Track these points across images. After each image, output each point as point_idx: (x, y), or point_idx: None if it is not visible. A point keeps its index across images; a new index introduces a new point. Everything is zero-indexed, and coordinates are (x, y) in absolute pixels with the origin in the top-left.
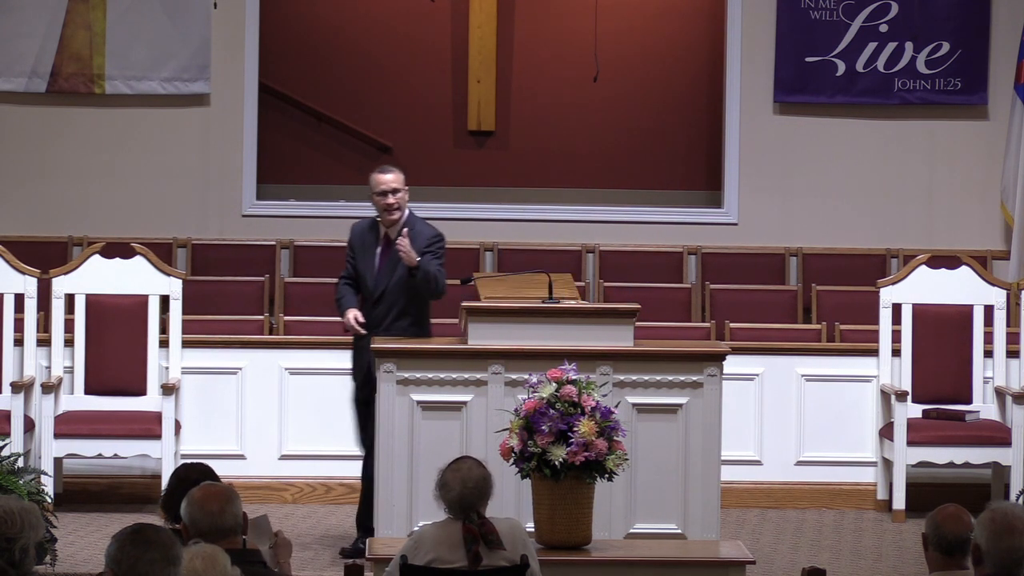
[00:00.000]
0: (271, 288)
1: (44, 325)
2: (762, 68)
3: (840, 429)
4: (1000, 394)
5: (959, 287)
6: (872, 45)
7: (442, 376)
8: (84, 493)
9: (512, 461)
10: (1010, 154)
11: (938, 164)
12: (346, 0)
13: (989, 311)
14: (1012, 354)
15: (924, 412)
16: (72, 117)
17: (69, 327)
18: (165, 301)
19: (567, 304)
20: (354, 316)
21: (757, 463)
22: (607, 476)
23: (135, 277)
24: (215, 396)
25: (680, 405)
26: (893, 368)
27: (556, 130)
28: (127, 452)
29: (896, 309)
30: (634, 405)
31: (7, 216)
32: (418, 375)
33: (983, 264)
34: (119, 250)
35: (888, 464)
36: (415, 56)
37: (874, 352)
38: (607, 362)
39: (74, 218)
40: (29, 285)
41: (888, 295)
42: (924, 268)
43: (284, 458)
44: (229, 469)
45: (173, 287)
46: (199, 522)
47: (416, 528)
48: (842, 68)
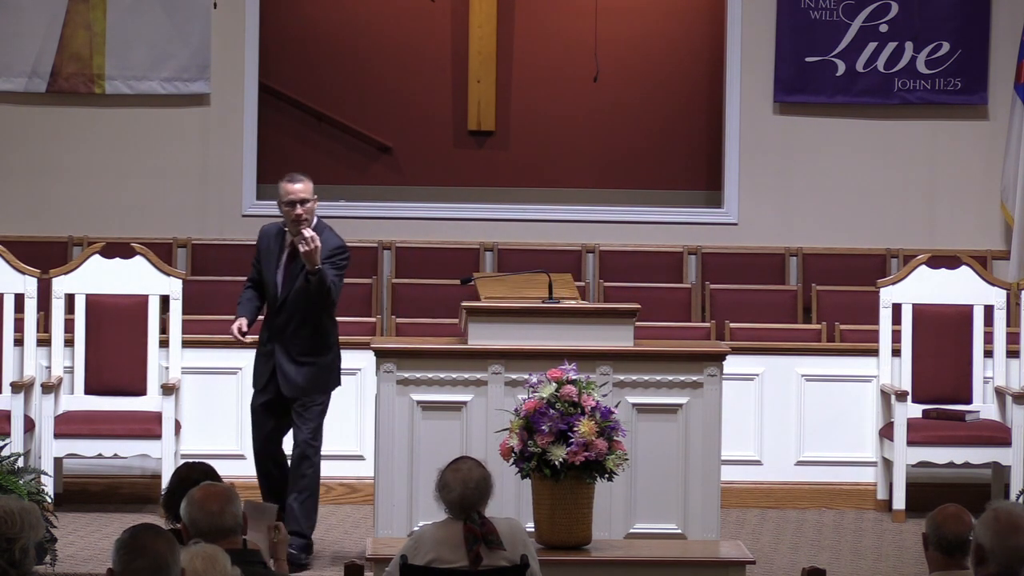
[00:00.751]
0: None
1: (44, 325)
2: (762, 68)
3: (840, 429)
4: (1000, 394)
5: (959, 287)
6: (872, 45)
7: (442, 376)
8: (84, 493)
9: (512, 461)
10: (1010, 154)
11: (938, 164)
12: (346, 0)
13: (989, 311)
14: (1012, 354)
15: (924, 412)
16: (72, 117)
17: (69, 327)
18: (165, 301)
19: (567, 304)
20: (238, 327)
21: (757, 463)
22: (607, 476)
23: (135, 277)
24: (215, 396)
25: (680, 405)
26: (893, 368)
27: (556, 130)
28: (127, 452)
29: (896, 309)
30: (634, 405)
31: (7, 216)
32: (418, 375)
33: (983, 264)
34: (119, 250)
35: (888, 464)
36: (415, 56)
37: (874, 352)
38: (607, 362)
39: (74, 218)
40: (29, 285)
41: (888, 295)
42: (924, 268)
43: None
44: (229, 469)
45: (173, 287)
46: (199, 522)
47: (416, 528)
48: (842, 68)
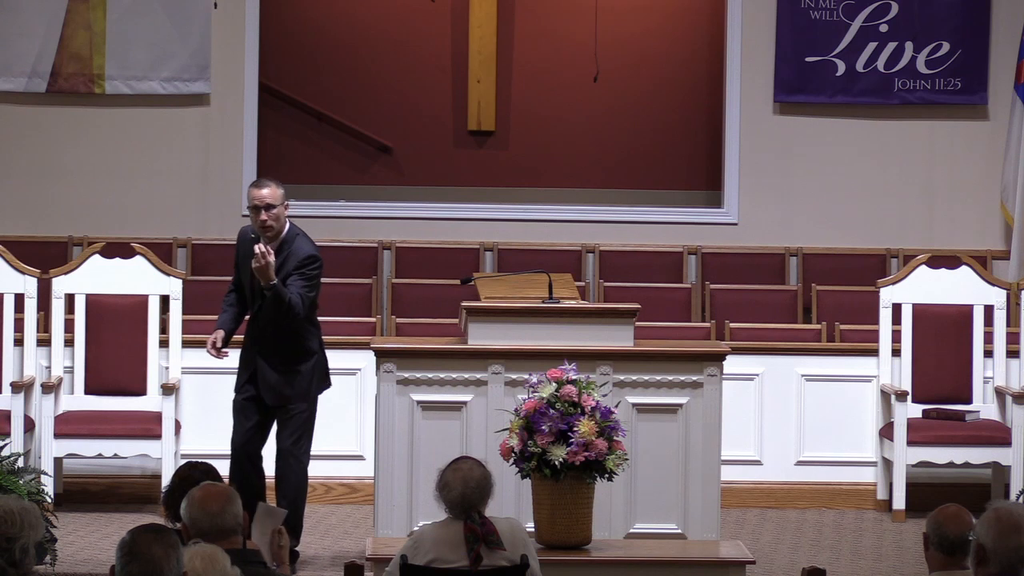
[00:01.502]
0: None
1: (44, 325)
2: (762, 68)
3: (840, 429)
4: (1000, 394)
5: (959, 287)
6: (872, 45)
7: (442, 376)
8: (84, 493)
9: (512, 461)
10: (1010, 154)
11: (938, 164)
12: (346, 0)
13: (989, 311)
14: (1012, 354)
15: (924, 412)
16: (72, 117)
17: (69, 327)
18: (165, 301)
19: (567, 304)
20: (212, 342)
21: (757, 463)
22: (607, 476)
23: (135, 277)
24: (215, 396)
25: (680, 405)
26: (893, 368)
27: (556, 130)
28: (127, 452)
29: (896, 309)
30: (634, 405)
31: (7, 216)
32: (418, 375)
33: (983, 264)
34: (119, 250)
35: (888, 464)
36: (415, 56)
37: (874, 352)
38: (607, 362)
39: (74, 218)
40: (29, 285)
41: (888, 295)
42: (924, 268)
43: None
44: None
45: (173, 287)
46: (199, 522)
47: (416, 528)
48: (842, 68)
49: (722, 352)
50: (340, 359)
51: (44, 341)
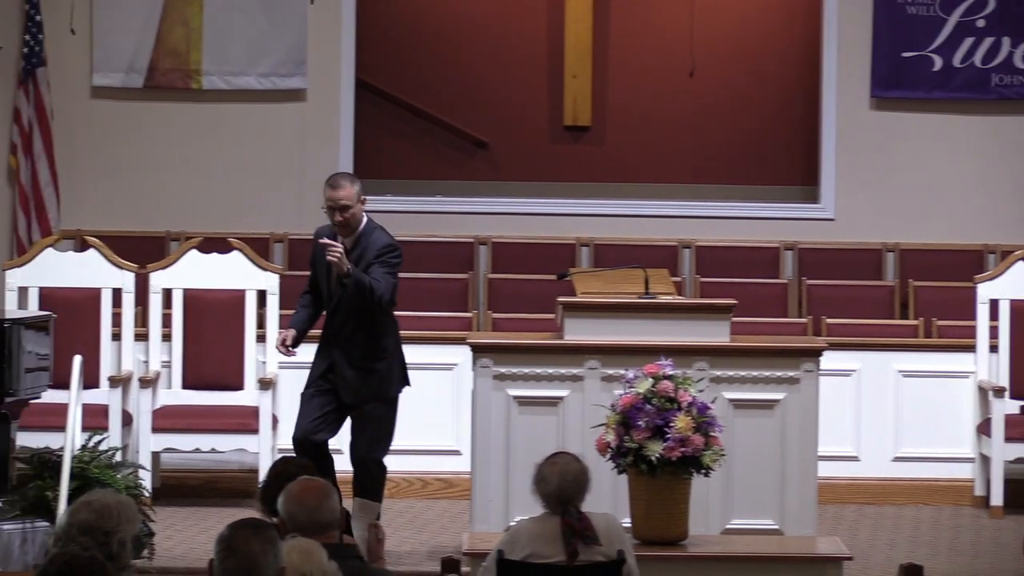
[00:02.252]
0: None
1: (142, 320)
2: (859, 63)
3: (937, 425)
4: None
5: None
6: (969, 40)
7: (538, 371)
8: (182, 487)
9: (608, 456)
10: None
11: None
12: None
13: None
14: None
15: (1022, 408)
16: (169, 112)
17: (166, 322)
18: (262, 296)
19: (663, 299)
20: (282, 340)
21: (854, 459)
22: (704, 472)
23: (232, 272)
24: None
25: (777, 401)
26: (991, 364)
27: (652, 125)
28: (224, 446)
29: (993, 305)
30: (731, 401)
31: (105, 211)
32: (514, 370)
33: None
34: (216, 245)
35: (986, 460)
36: (511, 51)
37: (971, 348)
38: (703, 357)
39: (171, 213)
40: (127, 280)
41: (985, 291)
42: (1021, 264)
43: None
44: None
45: (270, 282)
46: (296, 516)
47: (512, 523)
48: (939, 63)
49: (819, 348)
50: (436, 354)
51: (142, 336)
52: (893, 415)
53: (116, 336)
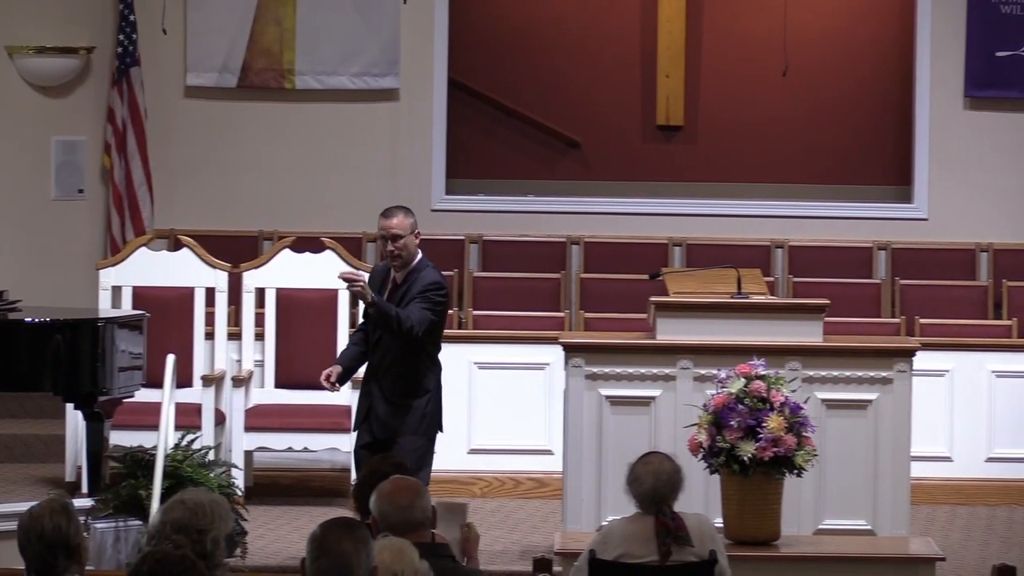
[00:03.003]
0: (460, 282)
1: (234, 319)
2: (952, 62)
3: None
4: None
5: None
6: None
7: (630, 371)
8: (274, 486)
9: (700, 456)
10: None
11: None
12: None
13: None
14: None
15: None
16: (262, 112)
17: (259, 321)
18: (355, 295)
19: (756, 299)
20: (326, 375)
21: (947, 459)
22: (796, 472)
23: (325, 271)
24: None
25: (870, 401)
26: None
27: (744, 125)
28: (317, 445)
29: None
30: (823, 401)
31: (198, 210)
32: (606, 370)
33: None
34: (309, 244)
35: None
36: (603, 50)
37: None
38: (796, 357)
39: (264, 212)
40: (220, 279)
41: None
42: None
43: (473, 452)
44: None
45: None
46: (388, 515)
47: (605, 523)
48: None
49: (912, 348)
50: (528, 354)
51: (234, 335)
52: (986, 415)
53: (209, 335)
